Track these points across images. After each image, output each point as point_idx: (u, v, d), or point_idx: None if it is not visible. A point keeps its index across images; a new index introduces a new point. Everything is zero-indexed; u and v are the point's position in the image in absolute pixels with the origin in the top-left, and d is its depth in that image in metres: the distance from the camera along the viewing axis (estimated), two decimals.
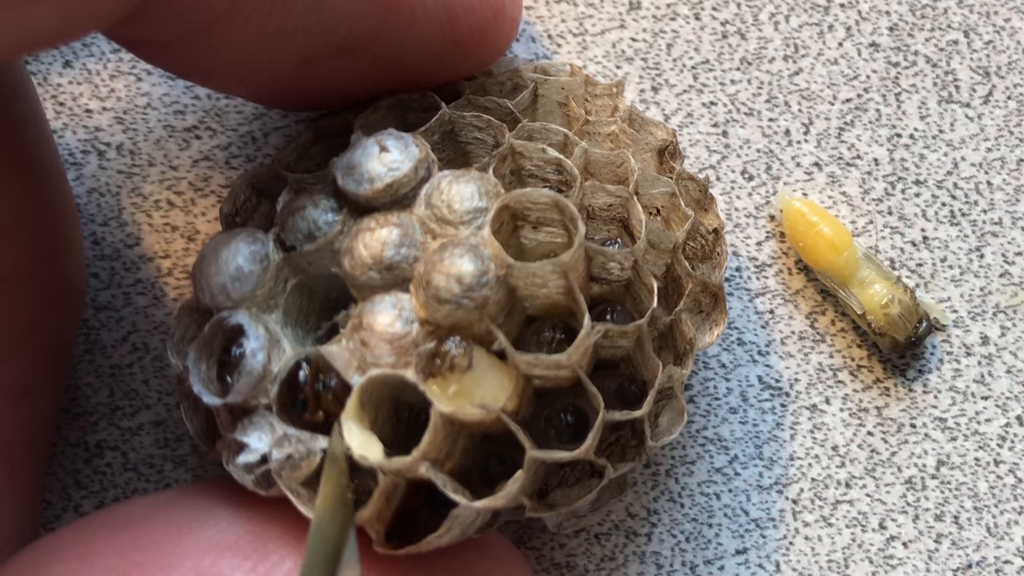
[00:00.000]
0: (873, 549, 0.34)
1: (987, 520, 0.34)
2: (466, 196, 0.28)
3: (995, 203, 0.36)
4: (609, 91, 0.32)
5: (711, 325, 0.31)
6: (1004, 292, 0.35)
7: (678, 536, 0.34)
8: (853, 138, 0.36)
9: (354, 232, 0.28)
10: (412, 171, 0.28)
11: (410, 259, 0.27)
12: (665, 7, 0.36)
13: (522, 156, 0.29)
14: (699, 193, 0.32)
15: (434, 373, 0.27)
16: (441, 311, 0.27)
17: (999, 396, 0.35)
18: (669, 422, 0.30)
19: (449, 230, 0.28)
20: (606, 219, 0.30)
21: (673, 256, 0.30)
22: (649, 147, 0.32)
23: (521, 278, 0.27)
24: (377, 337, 0.27)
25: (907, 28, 0.36)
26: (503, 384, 0.27)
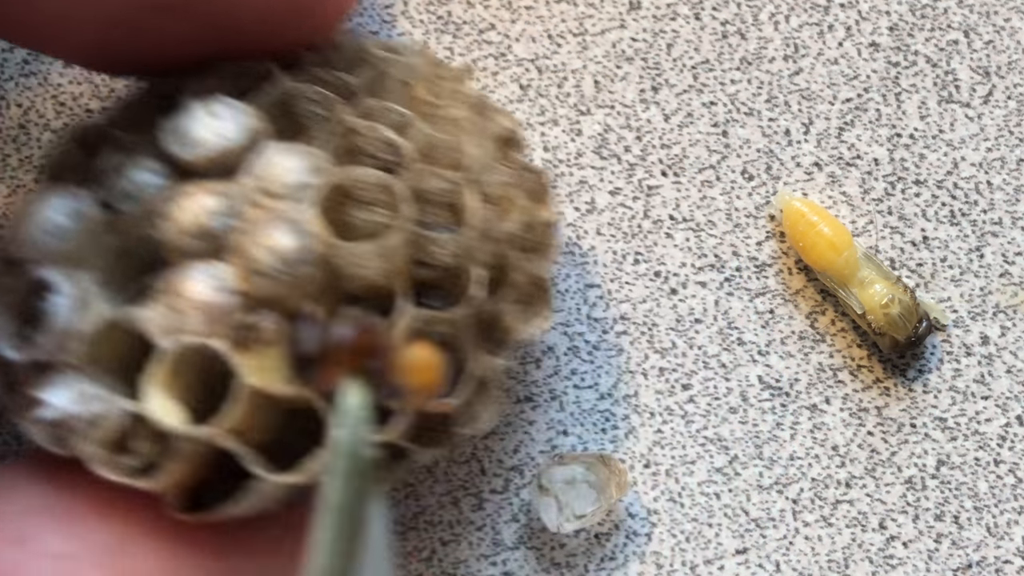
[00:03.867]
0: (873, 549, 0.34)
1: (987, 520, 0.34)
2: (294, 170, 0.27)
3: (995, 203, 0.36)
4: (457, 75, 0.32)
5: (535, 317, 0.31)
6: (1004, 292, 0.35)
7: (678, 536, 0.34)
8: (853, 138, 0.36)
9: (177, 197, 0.27)
10: (241, 141, 0.27)
11: (231, 229, 0.27)
12: (665, 7, 0.36)
13: (357, 134, 0.29)
14: (536, 184, 0.32)
15: (245, 345, 0.26)
16: (258, 284, 0.26)
17: (999, 396, 0.35)
18: (483, 411, 0.30)
19: (273, 203, 0.27)
20: (438, 204, 0.29)
21: (503, 246, 0.30)
22: (491, 135, 0.31)
23: (343, 258, 0.27)
24: (190, 305, 0.26)
25: (907, 28, 0.36)
26: None
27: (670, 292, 0.35)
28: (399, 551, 0.34)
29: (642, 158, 0.36)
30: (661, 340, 0.35)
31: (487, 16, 0.36)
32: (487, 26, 0.36)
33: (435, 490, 0.34)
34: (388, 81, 0.31)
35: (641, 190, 0.36)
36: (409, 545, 0.34)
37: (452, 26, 0.36)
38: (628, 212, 0.35)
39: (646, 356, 0.35)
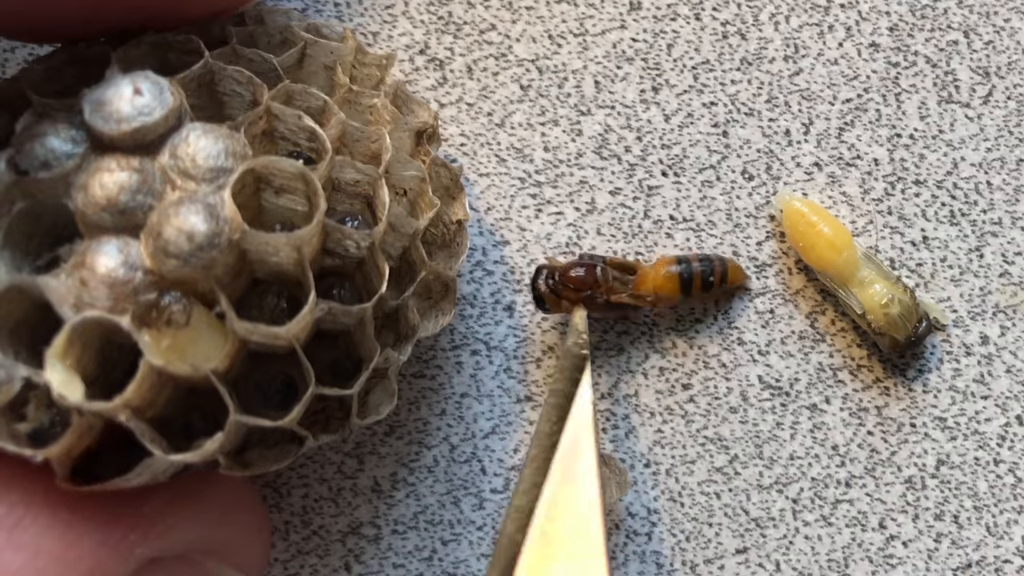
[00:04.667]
0: (873, 548, 0.34)
1: (987, 519, 0.34)
2: (212, 153, 0.27)
3: (995, 203, 0.36)
4: (379, 62, 0.32)
5: (438, 314, 0.31)
6: (1004, 292, 0.35)
7: (678, 535, 0.34)
8: (853, 138, 0.36)
9: (92, 169, 0.27)
10: (163, 118, 0.27)
11: (145, 207, 0.27)
12: (665, 7, 0.36)
13: (277, 119, 0.29)
14: (450, 181, 0.32)
15: (150, 324, 0.26)
16: (168, 264, 0.26)
17: (999, 396, 0.35)
18: (378, 402, 0.30)
19: (189, 184, 0.27)
20: (351, 194, 0.30)
21: (411, 241, 0.30)
22: (409, 127, 0.31)
23: (254, 245, 0.27)
24: (98, 279, 0.26)
25: (907, 28, 0.36)
26: (218, 345, 0.27)
27: None
28: (400, 550, 0.34)
29: (642, 158, 0.36)
30: (661, 340, 0.35)
31: (488, 16, 0.36)
32: (488, 26, 0.36)
33: (436, 490, 0.34)
34: (310, 63, 0.31)
35: (641, 190, 0.36)
36: (410, 544, 0.34)
37: (453, 26, 0.36)
38: (628, 212, 0.36)
39: (646, 356, 0.35)
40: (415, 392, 0.35)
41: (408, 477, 0.34)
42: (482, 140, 0.36)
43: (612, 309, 0.34)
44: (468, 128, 0.36)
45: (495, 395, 0.35)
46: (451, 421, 0.35)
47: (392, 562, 0.34)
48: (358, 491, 0.34)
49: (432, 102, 0.36)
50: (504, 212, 0.35)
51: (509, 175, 0.36)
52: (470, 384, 0.35)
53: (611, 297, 0.33)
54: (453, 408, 0.35)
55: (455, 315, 0.32)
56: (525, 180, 0.36)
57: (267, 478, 0.34)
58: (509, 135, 0.36)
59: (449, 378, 0.35)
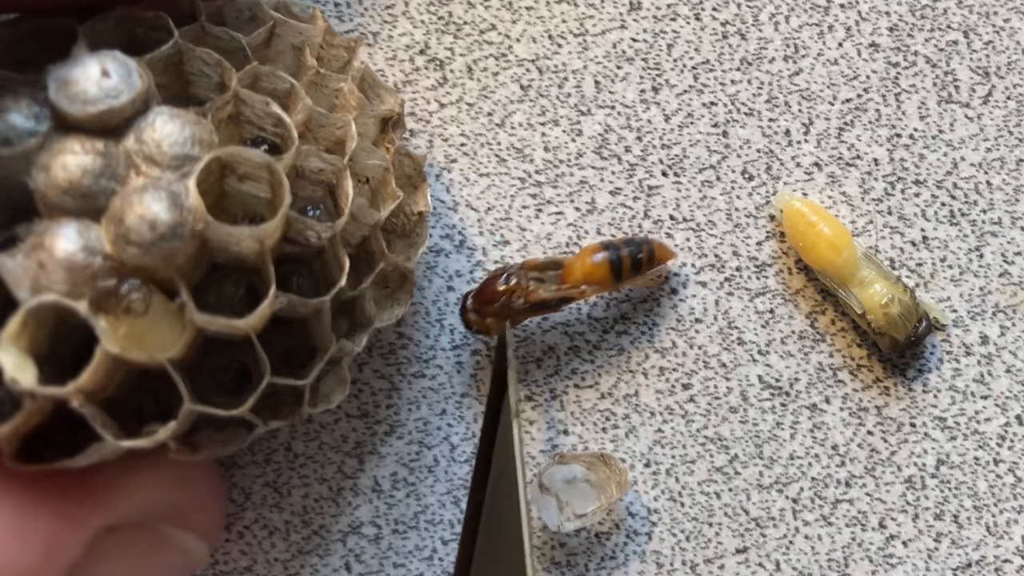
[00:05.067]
0: (873, 548, 0.34)
1: (987, 519, 0.34)
2: (178, 140, 0.27)
3: (995, 203, 0.36)
4: (347, 44, 0.31)
5: (394, 305, 0.31)
6: (1004, 292, 0.35)
7: (678, 535, 0.34)
8: (853, 138, 0.36)
9: (55, 150, 0.26)
10: (130, 102, 0.27)
11: (108, 191, 0.26)
12: (665, 7, 0.36)
13: (244, 104, 0.29)
14: (413, 171, 0.32)
15: (108, 310, 0.26)
16: (128, 252, 0.26)
17: (999, 396, 0.35)
18: (330, 390, 0.30)
19: (154, 171, 0.27)
20: (315, 181, 0.29)
21: (371, 232, 0.30)
22: (375, 113, 0.31)
23: (217, 235, 0.27)
24: (56, 262, 0.26)
25: (907, 28, 0.36)
26: (176, 334, 0.27)
27: (670, 292, 0.35)
28: (400, 550, 0.34)
29: (642, 158, 0.36)
30: (661, 340, 0.35)
31: (488, 16, 0.36)
32: (488, 26, 0.36)
33: (436, 489, 0.34)
34: (279, 42, 0.31)
35: (641, 190, 0.36)
36: (410, 544, 0.34)
37: (453, 26, 0.36)
38: (628, 212, 0.36)
39: (646, 356, 0.35)
40: (415, 392, 0.35)
41: (408, 477, 0.34)
42: (482, 140, 0.36)
43: (540, 308, 0.34)
44: (468, 128, 0.36)
45: None
46: (451, 421, 0.35)
47: (392, 562, 0.34)
48: (358, 491, 0.34)
49: (432, 102, 0.36)
50: (504, 212, 0.35)
51: (509, 175, 0.36)
52: (470, 384, 0.35)
53: (530, 297, 0.33)
54: (453, 408, 0.35)
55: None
56: (525, 180, 0.36)
57: (267, 479, 0.34)
58: (509, 135, 0.36)
59: (449, 378, 0.35)
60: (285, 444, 0.34)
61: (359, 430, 0.34)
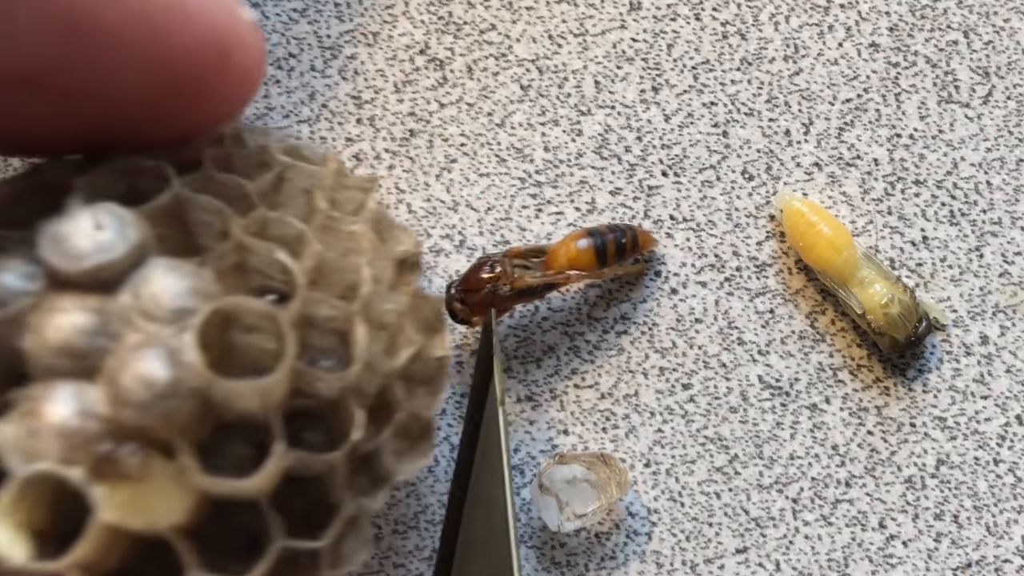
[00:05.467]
0: (873, 548, 0.34)
1: (987, 519, 0.34)
2: (176, 293, 0.25)
3: (995, 203, 0.36)
4: (361, 186, 0.30)
5: (416, 456, 0.29)
6: (1004, 292, 0.35)
7: (678, 535, 0.34)
8: (853, 138, 0.36)
9: (47, 309, 0.25)
10: (125, 255, 0.25)
11: (103, 350, 0.25)
12: (665, 7, 0.36)
13: (249, 252, 0.27)
14: (432, 314, 0.30)
15: (105, 476, 0.24)
16: (125, 413, 0.24)
17: (999, 396, 0.35)
18: (351, 551, 0.28)
19: (151, 326, 0.25)
20: (326, 330, 0.28)
21: (388, 380, 0.28)
22: (390, 255, 0.30)
23: (219, 392, 0.25)
24: (49, 428, 0.24)
25: (907, 28, 0.37)
26: (178, 499, 0.25)
27: (670, 292, 0.35)
28: (400, 550, 0.34)
29: (642, 158, 0.36)
30: (661, 340, 0.35)
31: (488, 16, 0.36)
32: (488, 26, 0.36)
33: (436, 489, 0.34)
34: (288, 187, 0.29)
35: (641, 190, 0.36)
36: (410, 544, 0.34)
37: (453, 26, 0.36)
38: (629, 212, 0.36)
39: (646, 356, 0.35)
40: None
41: None
42: (482, 140, 0.36)
43: (525, 295, 0.34)
44: (468, 128, 0.36)
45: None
46: (451, 421, 0.35)
47: (392, 562, 0.34)
48: None
49: (432, 102, 0.36)
50: (504, 212, 0.35)
51: (509, 175, 0.36)
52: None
53: (516, 284, 0.33)
54: (453, 408, 0.35)
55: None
56: (525, 180, 0.36)
57: None
58: (509, 135, 0.36)
59: (449, 378, 0.35)
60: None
61: None
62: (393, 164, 0.36)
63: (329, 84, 0.36)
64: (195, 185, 0.28)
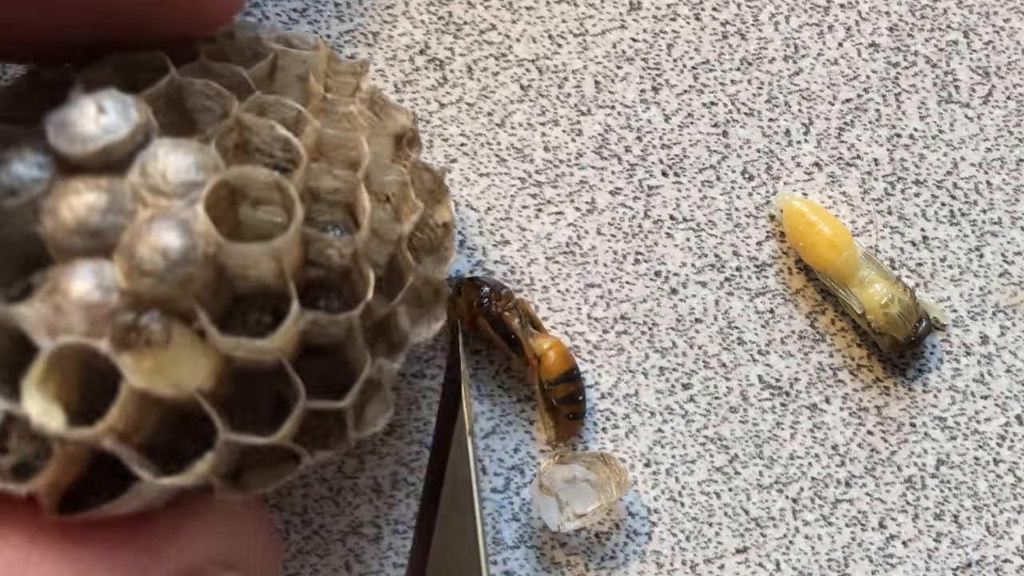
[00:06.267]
0: (873, 548, 0.34)
1: (987, 519, 0.34)
2: (182, 168, 0.27)
3: (995, 203, 0.36)
4: (353, 69, 0.31)
5: (430, 320, 0.31)
6: (1004, 292, 0.35)
7: (678, 535, 0.34)
8: (853, 138, 0.36)
9: (60, 192, 0.26)
10: (129, 136, 0.27)
11: (117, 227, 0.26)
12: (665, 7, 0.36)
13: (250, 131, 0.28)
14: (434, 184, 0.31)
15: (129, 346, 0.26)
16: (143, 284, 0.26)
17: (998, 395, 0.35)
18: (374, 414, 0.29)
19: (161, 201, 0.26)
20: (331, 203, 0.29)
21: (397, 247, 0.30)
22: (387, 132, 0.31)
23: (232, 258, 0.26)
24: (72, 303, 0.26)
25: (907, 28, 0.37)
26: (202, 364, 0.26)
27: (670, 292, 0.35)
28: (400, 550, 0.34)
29: (642, 158, 0.36)
30: (661, 340, 0.35)
31: (488, 16, 0.36)
32: (488, 26, 0.36)
33: None
34: (283, 74, 0.30)
35: (641, 190, 0.36)
36: (410, 544, 0.34)
37: (453, 26, 0.36)
38: (628, 212, 0.36)
39: (646, 356, 0.35)
40: (415, 392, 0.35)
41: (408, 477, 0.34)
42: (482, 140, 0.36)
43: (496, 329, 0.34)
44: (468, 128, 0.36)
45: (495, 395, 0.35)
46: None
47: (392, 562, 0.34)
48: (358, 491, 0.34)
49: (432, 102, 0.36)
50: (504, 212, 0.35)
51: (509, 175, 0.36)
52: (470, 384, 0.35)
53: (503, 315, 0.34)
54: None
55: None
56: (525, 180, 0.36)
57: None
58: (509, 135, 0.36)
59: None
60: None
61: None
62: None
63: None
64: (192, 74, 0.29)
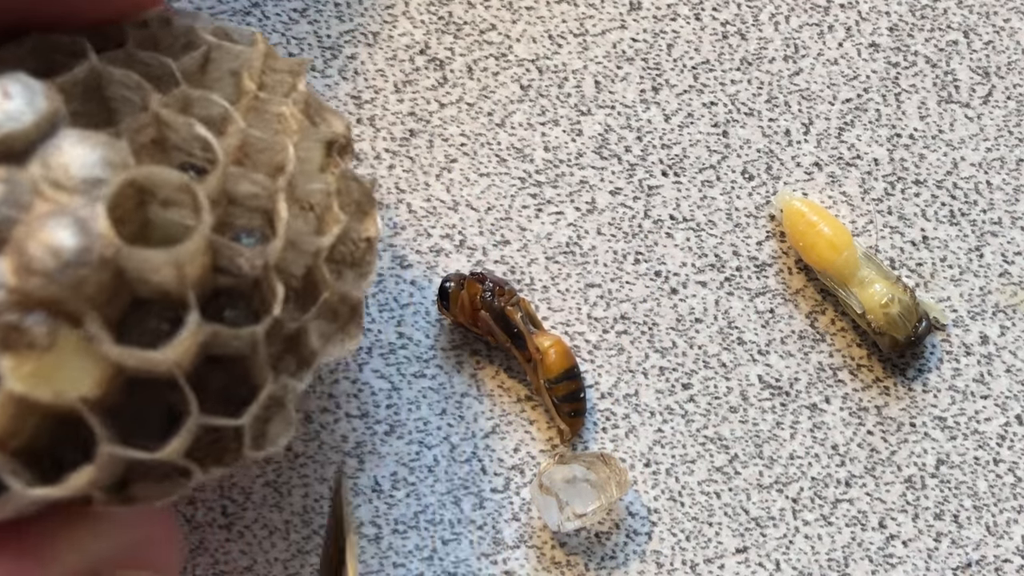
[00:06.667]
0: (873, 548, 0.34)
1: (986, 519, 0.34)
2: (87, 163, 0.25)
3: (995, 203, 0.36)
4: (291, 68, 0.30)
5: (344, 338, 0.29)
6: (1003, 292, 0.35)
7: (678, 535, 0.34)
8: (853, 138, 0.36)
9: None
10: (33, 125, 0.25)
11: (11, 220, 0.25)
12: (665, 7, 0.36)
13: (168, 127, 0.27)
14: (362, 196, 0.30)
15: (11, 347, 0.24)
16: (32, 283, 0.24)
17: (998, 395, 0.35)
18: (276, 432, 0.28)
19: (61, 196, 0.25)
20: (251, 207, 0.28)
21: (315, 260, 0.28)
22: (319, 137, 0.29)
23: (131, 262, 0.25)
24: None
25: (907, 28, 0.37)
26: (88, 371, 0.25)
27: (670, 292, 0.35)
28: (400, 550, 0.34)
29: (642, 158, 0.36)
30: (661, 340, 0.35)
31: (488, 16, 0.36)
32: (488, 26, 0.36)
33: (436, 489, 0.34)
34: (215, 68, 0.29)
35: (641, 190, 0.36)
36: (410, 544, 0.34)
37: (453, 26, 0.36)
38: (628, 212, 0.36)
39: (646, 356, 0.35)
40: (415, 392, 0.35)
41: (408, 477, 0.34)
42: (482, 140, 0.36)
43: (498, 323, 0.34)
44: (468, 128, 0.36)
45: (495, 395, 0.35)
46: (451, 421, 0.35)
47: (392, 562, 0.34)
48: (358, 491, 0.34)
49: (432, 102, 0.36)
50: (504, 212, 0.35)
51: (509, 175, 0.36)
52: (470, 384, 0.35)
53: (507, 310, 0.33)
54: (453, 408, 0.35)
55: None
56: (525, 180, 0.36)
57: (267, 478, 0.34)
58: (509, 135, 0.36)
59: (449, 378, 0.35)
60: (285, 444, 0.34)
61: (359, 430, 0.34)
62: (393, 164, 0.36)
63: (329, 84, 0.36)
64: (116, 62, 0.27)
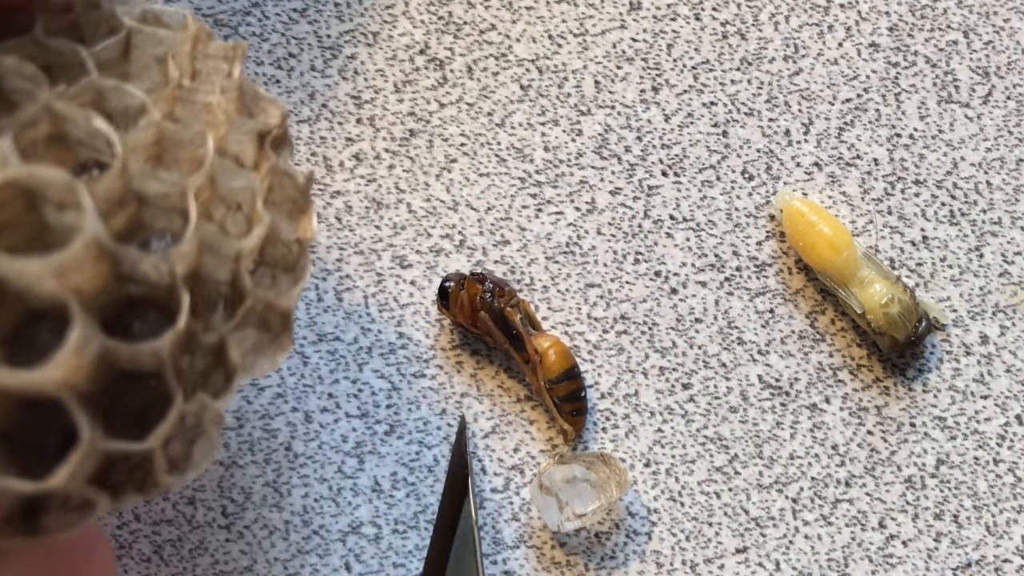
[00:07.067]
0: (873, 548, 0.34)
1: (986, 519, 0.34)
2: None
3: (994, 203, 0.36)
4: (225, 53, 0.27)
5: (276, 350, 0.27)
6: (1003, 292, 0.35)
7: (678, 535, 0.34)
8: (853, 138, 0.36)
9: None
10: None
11: None
12: (665, 7, 0.36)
13: (66, 121, 0.25)
14: (296, 193, 0.27)
15: None
16: None
17: (998, 395, 0.35)
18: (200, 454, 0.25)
19: None
20: (164, 208, 0.25)
21: (236, 265, 0.26)
22: (249, 129, 0.27)
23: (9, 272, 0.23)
24: None
25: (907, 28, 0.37)
26: None
27: (670, 292, 0.35)
28: (400, 550, 0.34)
29: (642, 158, 0.36)
30: (661, 340, 0.35)
31: (488, 16, 0.36)
32: (488, 26, 0.36)
33: (436, 489, 0.34)
34: (139, 55, 0.27)
35: (641, 190, 0.36)
36: (410, 544, 0.34)
37: (453, 26, 0.36)
38: (628, 212, 0.36)
39: (646, 356, 0.35)
40: (415, 392, 0.35)
41: (408, 477, 0.34)
42: (482, 140, 0.36)
43: (497, 324, 0.34)
44: (468, 128, 0.36)
45: (495, 395, 0.35)
46: (451, 421, 0.35)
47: (392, 562, 0.34)
48: (358, 491, 0.34)
49: (432, 102, 0.36)
50: (504, 212, 0.35)
51: (509, 175, 0.36)
52: (470, 384, 0.35)
53: (507, 311, 0.33)
54: (453, 408, 0.35)
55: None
56: (525, 180, 0.36)
57: (267, 478, 0.34)
58: (509, 135, 0.36)
59: (449, 378, 0.35)
60: (285, 444, 0.34)
61: (359, 430, 0.34)
62: (393, 164, 0.36)
63: (329, 84, 0.36)
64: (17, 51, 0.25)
